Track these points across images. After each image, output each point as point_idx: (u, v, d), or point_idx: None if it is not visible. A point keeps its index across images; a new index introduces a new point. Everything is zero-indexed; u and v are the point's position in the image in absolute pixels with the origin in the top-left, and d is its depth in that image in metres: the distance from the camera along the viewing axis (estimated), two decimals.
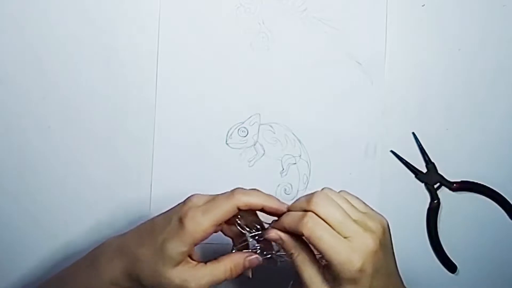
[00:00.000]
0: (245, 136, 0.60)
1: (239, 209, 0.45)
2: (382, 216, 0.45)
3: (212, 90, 0.61)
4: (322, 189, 0.45)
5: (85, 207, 0.60)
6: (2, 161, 0.60)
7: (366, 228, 0.43)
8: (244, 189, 0.46)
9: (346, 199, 0.45)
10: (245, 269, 0.47)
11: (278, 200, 0.46)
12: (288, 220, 0.44)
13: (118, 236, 0.49)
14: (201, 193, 0.47)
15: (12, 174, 0.60)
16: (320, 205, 0.43)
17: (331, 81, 0.61)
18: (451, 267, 0.61)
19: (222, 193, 0.46)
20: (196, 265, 0.46)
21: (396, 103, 0.61)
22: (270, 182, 0.60)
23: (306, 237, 0.43)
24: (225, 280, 0.46)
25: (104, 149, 0.60)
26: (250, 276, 0.48)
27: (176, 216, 0.45)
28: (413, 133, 0.61)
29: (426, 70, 0.62)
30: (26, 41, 0.60)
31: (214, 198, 0.46)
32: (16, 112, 0.60)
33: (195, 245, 0.45)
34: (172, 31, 0.61)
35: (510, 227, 0.61)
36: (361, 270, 0.41)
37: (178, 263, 0.45)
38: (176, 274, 0.44)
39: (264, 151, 0.61)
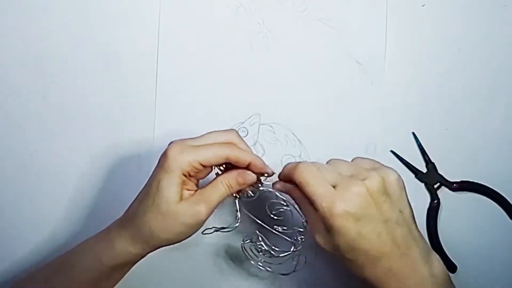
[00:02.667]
0: (245, 136, 0.60)
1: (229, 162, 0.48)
2: (392, 169, 0.46)
3: (212, 90, 0.61)
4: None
5: (86, 209, 0.60)
6: (2, 161, 0.60)
7: (358, 178, 0.44)
8: (237, 145, 0.49)
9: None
10: (240, 185, 0.49)
11: (265, 163, 0.49)
12: (285, 169, 0.48)
13: (128, 208, 0.51)
14: None
15: (12, 174, 0.60)
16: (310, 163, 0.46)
17: (331, 81, 0.61)
18: (451, 267, 0.61)
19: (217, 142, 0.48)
20: (195, 191, 0.48)
21: (396, 103, 0.61)
22: (270, 182, 0.60)
23: (297, 183, 0.45)
24: (228, 196, 0.49)
25: (104, 149, 0.60)
26: (252, 194, 0.50)
27: (161, 155, 0.47)
28: (413, 133, 0.61)
29: (426, 70, 0.62)
30: (26, 41, 0.60)
31: (208, 143, 0.48)
32: (16, 112, 0.60)
33: (187, 176, 0.47)
34: (172, 31, 0.61)
35: (510, 227, 0.61)
36: (343, 215, 0.42)
37: (180, 198, 0.46)
38: (185, 207, 0.46)
39: (264, 151, 0.61)
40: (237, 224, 0.51)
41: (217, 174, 0.50)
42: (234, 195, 0.50)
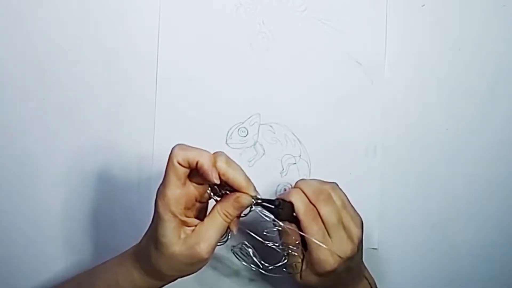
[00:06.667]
0: (245, 136, 0.60)
1: (191, 168, 0.46)
2: (359, 216, 0.51)
3: (212, 90, 0.61)
4: (332, 183, 0.51)
5: (85, 209, 0.60)
6: (2, 161, 0.60)
7: (349, 235, 0.49)
8: (185, 145, 0.47)
9: (341, 198, 0.51)
10: (238, 209, 0.47)
11: (212, 161, 0.47)
12: (299, 206, 0.49)
13: (140, 240, 0.51)
14: None
15: (12, 174, 0.60)
16: (323, 206, 0.49)
17: (331, 81, 0.61)
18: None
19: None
20: (193, 229, 0.47)
21: (396, 103, 0.61)
22: (270, 182, 0.60)
23: (302, 225, 0.49)
24: (228, 225, 0.47)
25: (104, 149, 0.60)
26: (235, 232, 0.49)
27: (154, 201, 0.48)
28: None
29: (426, 70, 0.62)
30: (26, 41, 0.60)
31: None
32: (16, 112, 0.60)
33: (180, 215, 0.46)
34: (172, 31, 0.61)
35: (510, 227, 0.62)
36: (332, 271, 0.48)
37: (178, 240, 0.46)
38: (183, 249, 0.46)
39: (264, 151, 0.61)
40: (228, 237, 0.50)
41: (216, 200, 0.49)
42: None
